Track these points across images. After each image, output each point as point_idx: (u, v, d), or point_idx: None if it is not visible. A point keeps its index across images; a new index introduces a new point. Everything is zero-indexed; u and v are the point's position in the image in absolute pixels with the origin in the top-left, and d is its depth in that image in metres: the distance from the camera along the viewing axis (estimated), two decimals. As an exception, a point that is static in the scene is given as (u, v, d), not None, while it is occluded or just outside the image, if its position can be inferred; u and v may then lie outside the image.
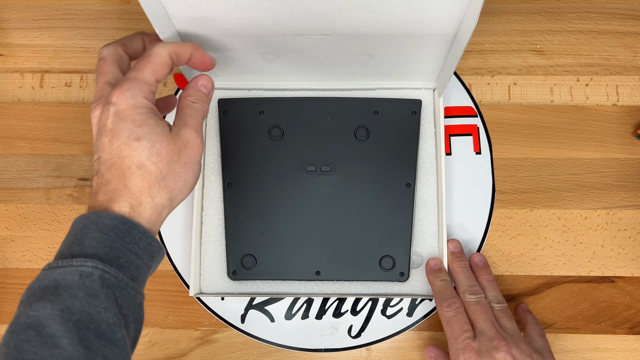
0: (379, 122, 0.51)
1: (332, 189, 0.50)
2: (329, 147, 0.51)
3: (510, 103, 0.56)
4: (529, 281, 0.52)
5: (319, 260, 0.50)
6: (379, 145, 0.51)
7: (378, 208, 0.50)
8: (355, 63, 0.48)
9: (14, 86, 0.57)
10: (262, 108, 0.51)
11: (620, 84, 0.56)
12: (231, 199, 0.51)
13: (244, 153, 0.51)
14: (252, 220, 0.50)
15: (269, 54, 0.46)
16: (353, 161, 0.51)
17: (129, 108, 0.36)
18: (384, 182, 0.50)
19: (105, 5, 0.59)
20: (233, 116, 0.46)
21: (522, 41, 0.57)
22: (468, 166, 0.54)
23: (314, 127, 0.51)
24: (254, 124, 0.51)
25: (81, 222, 0.34)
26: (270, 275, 0.50)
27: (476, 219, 0.53)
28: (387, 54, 0.46)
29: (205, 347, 0.52)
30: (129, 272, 0.34)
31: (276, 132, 0.51)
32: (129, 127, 0.35)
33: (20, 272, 0.53)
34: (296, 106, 0.52)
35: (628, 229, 0.53)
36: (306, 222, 0.50)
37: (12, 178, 0.55)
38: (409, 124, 0.51)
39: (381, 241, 0.50)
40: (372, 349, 0.51)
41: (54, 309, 0.31)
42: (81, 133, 0.56)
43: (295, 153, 0.51)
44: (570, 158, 0.54)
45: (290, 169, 0.50)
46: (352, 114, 0.51)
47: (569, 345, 0.51)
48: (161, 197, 0.36)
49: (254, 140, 0.51)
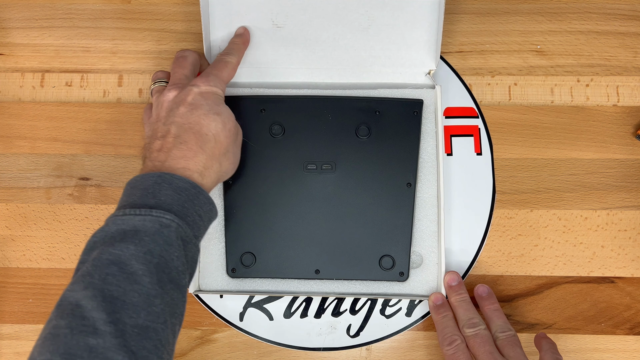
0: (380, 121, 0.51)
1: (333, 188, 0.50)
2: (330, 145, 0.51)
3: (510, 103, 0.56)
4: (529, 281, 0.52)
5: (319, 258, 0.50)
6: (380, 144, 0.51)
7: (378, 207, 0.50)
8: (357, 27, 0.52)
9: (15, 85, 0.57)
10: (263, 106, 0.52)
11: (620, 85, 0.56)
12: (231, 196, 0.51)
13: (244, 151, 0.50)
14: (252, 218, 0.50)
15: (280, 13, 0.51)
16: (354, 160, 0.51)
17: (210, 92, 0.44)
18: (384, 181, 0.50)
19: (106, 5, 0.59)
20: (234, 114, 0.46)
21: (522, 41, 0.57)
22: (469, 167, 0.54)
23: (315, 125, 0.51)
24: (255, 122, 0.51)
25: (151, 179, 0.39)
26: (269, 273, 0.50)
27: (477, 219, 0.53)
28: (385, 14, 0.51)
29: (205, 346, 0.52)
30: (193, 230, 0.39)
31: (277, 130, 0.51)
32: (209, 104, 0.43)
33: (20, 271, 0.53)
34: (297, 104, 0.52)
35: (628, 229, 0.53)
36: (306, 220, 0.50)
37: (12, 177, 0.55)
38: (410, 123, 0.51)
39: (381, 240, 0.50)
40: (372, 349, 0.51)
41: (138, 250, 0.36)
42: (82, 132, 0.56)
43: (296, 151, 0.51)
44: (571, 158, 0.54)
45: (291, 167, 0.51)
46: (353, 113, 0.52)
47: (569, 346, 0.51)
48: (225, 166, 0.45)
49: (255, 138, 0.51)
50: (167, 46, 0.58)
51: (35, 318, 0.52)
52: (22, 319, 0.52)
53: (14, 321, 0.52)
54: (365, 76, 0.54)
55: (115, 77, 0.57)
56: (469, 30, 0.57)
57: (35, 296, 0.53)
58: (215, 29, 0.52)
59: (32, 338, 0.52)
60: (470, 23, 0.57)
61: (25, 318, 0.52)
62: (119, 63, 0.58)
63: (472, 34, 0.57)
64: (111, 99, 0.57)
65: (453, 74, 0.56)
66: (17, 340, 0.52)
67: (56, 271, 0.53)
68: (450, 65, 0.56)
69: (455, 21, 0.57)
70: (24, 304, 0.53)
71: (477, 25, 0.57)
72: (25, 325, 0.52)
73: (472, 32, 0.57)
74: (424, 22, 0.51)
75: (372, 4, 0.51)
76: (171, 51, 0.58)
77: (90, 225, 0.54)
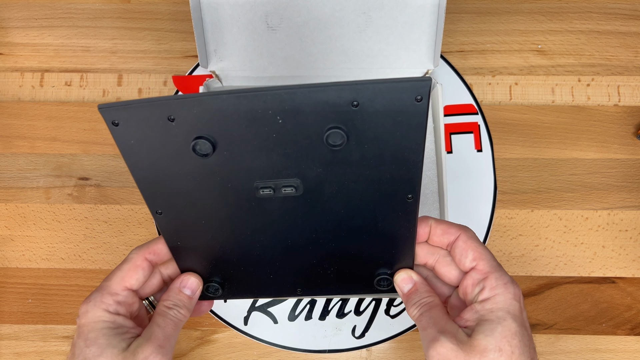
0: (361, 118, 0.31)
1: (301, 213, 0.35)
2: (287, 160, 0.33)
3: (511, 103, 0.55)
4: (530, 282, 0.52)
5: (298, 279, 0.40)
6: (363, 151, 0.32)
7: (368, 228, 0.36)
8: (354, 29, 0.50)
9: (14, 85, 0.57)
10: (170, 113, 0.31)
11: (621, 84, 0.56)
12: (168, 228, 0.37)
13: (162, 176, 0.34)
14: (201, 249, 0.38)
15: (273, 15, 0.49)
16: (326, 175, 0.34)
17: (86, 323, 0.34)
18: (374, 197, 0.35)
19: (105, 5, 0.58)
20: (130, 128, 0.32)
21: (523, 41, 0.57)
22: (469, 164, 0.54)
23: (260, 134, 0.32)
24: (166, 137, 0.32)
25: None
26: (248, 295, 0.42)
27: (479, 217, 0.53)
28: (384, 16, 0.50)
29: (205, 347, 0.51)
30: None
31: (204, 147, 0.32)
32: (80, 346, 0.33)
33: (19, 271, 0.53)
34: (224, 106, 0.31)
35: (629, 229, 0.53)
36: (272, 247, 0.38)
37: (11, 177, 0.55)
38: (410, 116, 0.31)
39: (374, 265, 0.39)
40: (372, 350, 0.51)
41: None
42: (81, 132, 0.56)
43: (238, 172, 0.34)
44: (572, 158, 0.54)
45: (236, 194, 0.34)
46: (317, 110, 0.31)
47: (569, 346, 0.51)
48: None
49: (172, 159, 0.33)
50: (167, 46, 0.58)
51: (34, 318, 0.52)
52: (21, 319, 0.52)
53: (13, 321, 0.52)
54: (363, 77, 0.54)
55: (115, 77, 0.57)
56: (470, 30, 0.57)
57: (34, 296, 0.53)
58: (209, 33, 0.51)
59: (32, 338, 0.52)
60: (471, 22, 0.57)
61: (24, 318, 0.52)
62: (119, 62, 0.57)
63: (473, 34, 0.57)
64: (111, 99, 0.56)
65: (454, 74, 0.56)
66: (16, 340, 0.52)
67: (55, 271, 0.53)
68: (451, 65, 0.56)
69: (456, 20, 0.57)
70: (23, 304, 0.53)
71: (477, 24, 0.57)
72: (24, 326, 0.52)
73: (473, 32, 0.57)
74: (424, 23, 0.51)
75: (369, 5, 0.51)
76: (171, 50, 0.57)
77: (89, 225, 0.54)
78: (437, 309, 0.35)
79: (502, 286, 0.33)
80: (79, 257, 0.53)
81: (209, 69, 0.53)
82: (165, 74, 0.57)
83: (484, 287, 0.33)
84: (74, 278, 0.53)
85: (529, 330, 0.33)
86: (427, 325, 0.34)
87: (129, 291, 0.36)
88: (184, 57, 0.57)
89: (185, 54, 0.58)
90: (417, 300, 0.36)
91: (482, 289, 0.33)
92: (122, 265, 0.36)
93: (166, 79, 0.57)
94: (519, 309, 0.33)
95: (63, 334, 0.52)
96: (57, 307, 0.52)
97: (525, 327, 0.32)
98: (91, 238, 0.53)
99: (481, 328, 0.32)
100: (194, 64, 0.57)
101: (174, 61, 0.57)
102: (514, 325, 0.31)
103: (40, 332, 0.52)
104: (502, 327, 0.31)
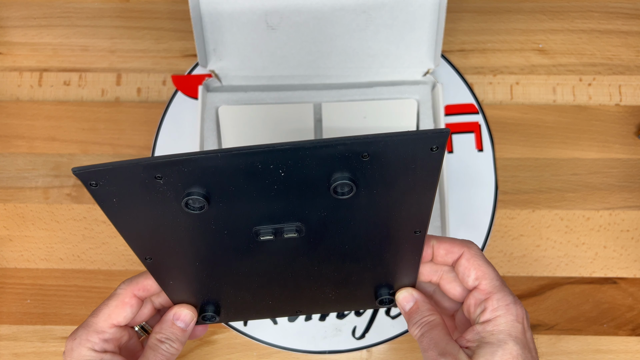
0: (370, 168, 0.29)
1: (303, 251, 0.34)
2: (289, 207, 0.31)
3: (512, 103, 0.55)
4: (531, 282, 0.52)
5: (299, 303, 0.40)
6: (371, 197, 0.31)
7: (371, 260, 0.36)
8: (355, 28, 0.50)
9: (13, 85, 0.57)
10: (158, 173, 0.28)
11: (623, 84, 0.55)
12: (159, 272, 0.35)
13: (151, 229, 0.31)
14: (195, 285, 0.36)
15: (273, 14, 0.49)
16: (331, 218, 0.32)
17: None
18: (381, 234, 0.34)
19: (104, 4, 0.58)
20: (111, 188, 0.28)
21: (524, 40, 0.56)
22: (470, 164, 0.53)
23: (259, 187, 0.29)
24: (154, 194, 0.29)
25: None
26: (240, 319, 0.42)
27: (480, 217, 0.52)
28: (384, 15, 0.49)
29: (204, 348, 0.51)
30: None
31: (196, 202, 0.29)
32: None
33: (18, 271, 0.53)
34: (219, 164, 0.28)
35: (631, 229, 0.53)
36: (272, 281, 0.37)
37: (10, 177, 0.55)
38: (424, 166, 0.29)
39: (376, 287, 0.38)
40: (372, 351, 0.51)
41: None
42: (80, 132, 0.55)
43: (235, 220, 0.31)
44: (573, 158, 0.54)
45: (234, 239, 0.32)
46: (323, 163, 0.28)
47: (570, 347, 0.51)
48: None
49: (161, 214, 0.30)
50: (166, 45, 0.57)
51: (33, 319, 0.52)
52: (20, 320, 0.52)
53: (12, 322, 0.52)
54: (363, 76, 0.53)
55: (114, 76, 0.57)
56: (471, 29, 0.57)
57: (33, 297, 0.52)
58: (208, 32, 0.51)
59: (30, 339, 0.51)
60: (472, 21, 0.57)
61: (23, 319, 0.52)
62: (118, 62, 0.57)
63: (474, 33, 0.57)
64: (109, 98, 0.56)
65: (454, 73, 0.56)
66: (15, 341, 0.52)
67: (54, 272, 0.53)
68: (452, 64, 0.56)
69: (456, 19, 0.57)
70: (22, 305, 0.52)
71: (478, 23, 0.57)
72: (23, 326, 0.52)
73: (474, 31, 0.57)
74: (424, 22, 0.51)
75: (370, 4, 0.50)
76: (170, 50, 0.57)
77: (88, 226, 0.53)
78: (439, 328, 0.34)
79: (504, 307, 0.33)
80: (77, 257, 0.53)
81: (208, 68, 0.53)
82: (165, 73, 0.57)
83: (485, 308, 0.33)
84: (73, 278, 0.53)
85: (534, 350, 0.33)
86: (428, 346, 0.33)
87: (117, 327, 0.35)
88: (183, 56, 0.57)
89: (185, 53, 0.57)
90: (419, 320, 0.35)
91: (484, 310, 0.33)
92: (109, 302, 0.34)
93: (165, 78, 0.57)
94: (521, 331, 0.32)
95: (62, 335, 0.51)
96: (55, 308, 0.52)
97: (529, 349, 0.32)
98: (90, 238, 0.53)
99: (482, 351, 0.31)
100: (193, 63, 0.56)
101: (173, 60, 0.57)
102: (515, 349, 0.31)
103: (39, 332, 0.52)
104: (503, 351, 0.31)
